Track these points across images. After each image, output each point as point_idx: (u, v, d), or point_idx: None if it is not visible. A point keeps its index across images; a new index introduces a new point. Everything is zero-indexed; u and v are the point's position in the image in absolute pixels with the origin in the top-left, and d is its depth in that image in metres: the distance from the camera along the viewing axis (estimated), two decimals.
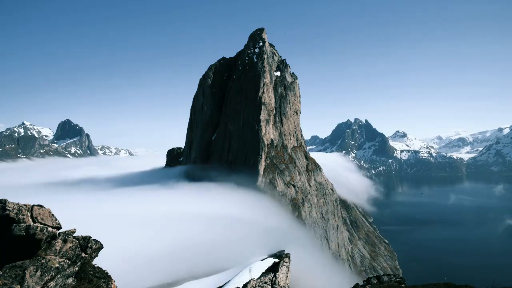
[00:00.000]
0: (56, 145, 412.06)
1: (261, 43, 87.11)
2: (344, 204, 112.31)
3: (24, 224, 6.95)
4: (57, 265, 7.25)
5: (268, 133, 75.89)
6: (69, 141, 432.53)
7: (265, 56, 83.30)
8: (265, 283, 14.42)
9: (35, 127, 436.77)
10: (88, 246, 8.55)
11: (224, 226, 52.14)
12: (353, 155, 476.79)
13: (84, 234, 8.72)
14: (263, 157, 71.56)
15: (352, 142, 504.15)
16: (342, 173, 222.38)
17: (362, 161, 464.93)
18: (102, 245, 9.21)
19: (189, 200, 67.32)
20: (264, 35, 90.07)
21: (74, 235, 8.34)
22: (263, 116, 74.75)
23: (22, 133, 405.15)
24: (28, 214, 7.20)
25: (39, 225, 7.24)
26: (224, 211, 56.78)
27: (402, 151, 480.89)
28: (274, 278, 15.07)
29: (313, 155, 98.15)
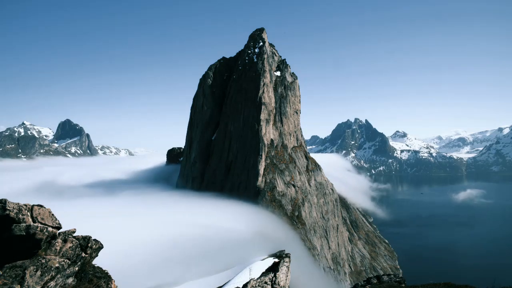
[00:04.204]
0: (56, 145, 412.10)
1: (261, 43, 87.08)
2: (344, 204, 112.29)
3: (24, 224, 6.95)
4: (57, 265, 7.25)
5: (268, 133, 75.86)
6: (69, 141, 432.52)
7: (265, 56, 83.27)
8: (265, 283, 14.41)
9: (35, 127, 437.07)
10: (88, 246, 8.55)
11: (223, 228, 52.12)
12: (353, 155, 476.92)
13: (84, 234, 8.72)
14: (263, 157, 71.54)
15: (352, 142, 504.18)
16: (342, 173, 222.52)
17: (362, 161, 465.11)
18: (102, 245, 9.21)
19: (188, 204, 67.38)
20: (264, 35, 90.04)
21: (74, 235, 8.34)
22: (263, 116, 74.71)
23: (22, 133, 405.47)
24: (28, 214, 7.20)
25: (39, 225, 7.24)
26: (223, 217, 56.45)
27: (402, 151, 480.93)
28: (274, 278, 15.06)
29: (313, 155, 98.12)
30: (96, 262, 9.23)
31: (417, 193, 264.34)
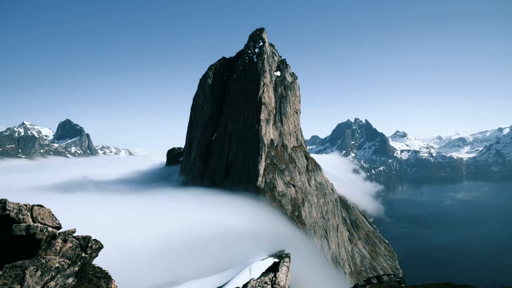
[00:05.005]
0: (56, 145, 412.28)
1: (261, 43, 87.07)
2: (344, 204, 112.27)
3: (24, 224, 6.95)
4: (57, 265, 7.25)
5: (268, 133, 75.86)
6: (69, 141, 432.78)
7: (265, 56, 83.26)
8: (265, 283, 14.41)
9: (35, 127, 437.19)
10: (88, 246, 8.55)
11: (223, 228, 52.14)
12: (353, 155, 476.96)
13: (84, 234, 8.72)
14: (263, 157, 71.54)
15: (352, 142, 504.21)
16: (342, 173, 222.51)
17: (362, 161, 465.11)
18: (102, 245, 9.21)
19: (188, 204, 67.36)
20: (264, 35, 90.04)
21: (74, 235, 8.34)
22: (263, 116, 74.71)
23: (22, 133, 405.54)
24: (28, 214, 7.20)
25: (39, 225, 7.24)
26: (223, 217, 56.64)
27: (402, 151, 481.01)
28: (274, 278, 15.06)
29: (313, 155, 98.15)
30: (96, 262, 9.22)
31: (417, 193, 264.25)
